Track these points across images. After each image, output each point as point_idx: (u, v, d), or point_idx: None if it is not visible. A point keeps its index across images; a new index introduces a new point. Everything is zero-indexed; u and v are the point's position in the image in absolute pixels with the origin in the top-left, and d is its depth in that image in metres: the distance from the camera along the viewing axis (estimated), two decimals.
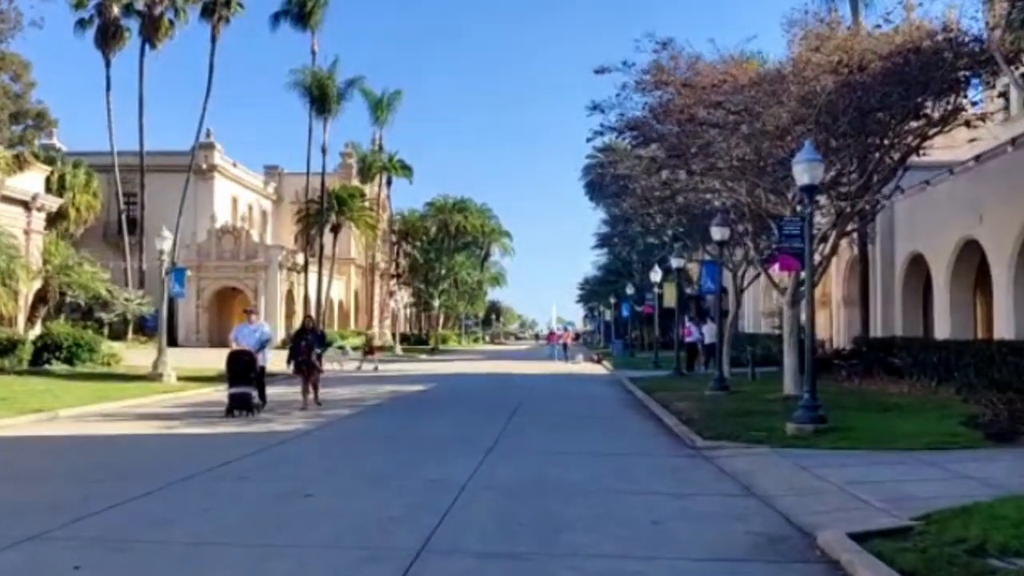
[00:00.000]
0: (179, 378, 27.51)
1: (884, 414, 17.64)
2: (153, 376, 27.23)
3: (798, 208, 20.80)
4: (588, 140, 22.80)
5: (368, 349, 43.66)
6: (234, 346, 18.96)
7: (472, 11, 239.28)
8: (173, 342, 55.09)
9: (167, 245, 27.95)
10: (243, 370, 18.49)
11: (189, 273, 62.61)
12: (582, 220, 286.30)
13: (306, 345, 20.19)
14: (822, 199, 21.41)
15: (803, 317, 24.30)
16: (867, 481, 10.48)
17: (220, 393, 25.10)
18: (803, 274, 22.14)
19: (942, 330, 28.19)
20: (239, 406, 18.26)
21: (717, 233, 24.70)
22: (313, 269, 67.26)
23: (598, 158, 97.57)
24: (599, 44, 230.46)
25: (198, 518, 8.69)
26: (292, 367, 20.41)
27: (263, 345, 19.23)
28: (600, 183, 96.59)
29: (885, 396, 21.54)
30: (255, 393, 18.66)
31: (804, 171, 15.37)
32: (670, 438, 16.03)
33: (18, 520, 8.33)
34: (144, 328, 53.57)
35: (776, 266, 21.47)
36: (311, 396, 20.28)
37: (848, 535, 7.61)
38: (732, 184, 23.17)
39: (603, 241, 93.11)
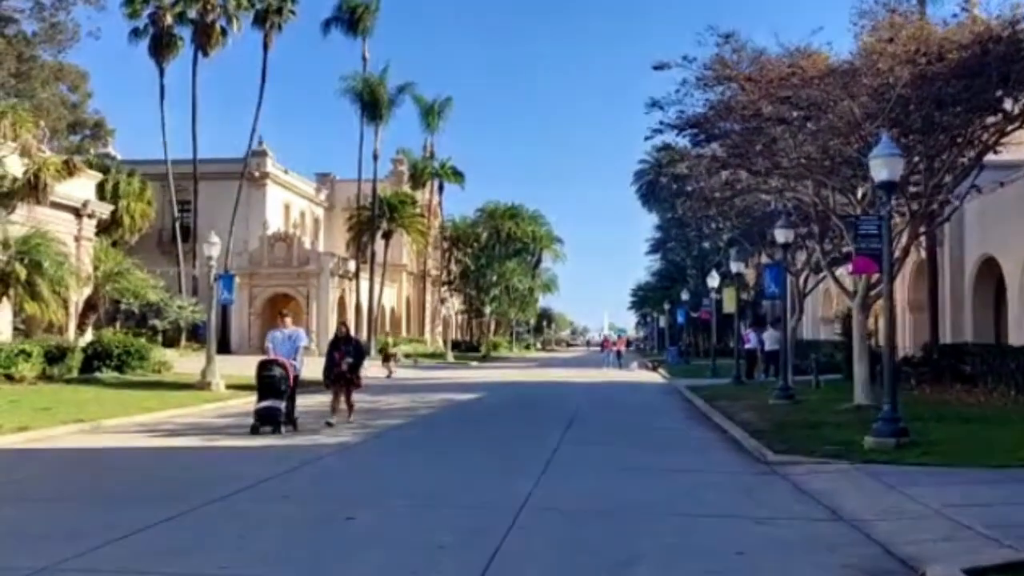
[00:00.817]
0: (227, 386, 26.91)
1: (966, 425, 16.50)
2: (201, 384, 26.69)
3: (869, 210, 19.75)
4: (646, 138, 21.81)
5: (384, 356, 42.58)
6: (271, 354, 17.23)
7: (524, 15, 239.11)
8: (226, 349, 55.09)
9: (215, 251, 27.42)
10: (275, 382, 16.53)
11: (240, 280, 62.87)
12: (635, 226, 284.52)
13: (340, 356, 18.20)
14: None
15: (871, 323, 23.27)
16: (967, 503, 9.46)
17: None
18: (875, 277, 21.13)
19: (1016, 336, 26.99)
20: (266, 422, 16.25)
21: (781, 235, 23.65)
22: (365, 276, 66.89)
23: (651, 162, 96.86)
24: (653, 46, 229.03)
25: (227, 546, 7.85)
26: (326, 380, 18.65)
27: (298, 353, 17.41)
28: (654, 187, 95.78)
29: (962, 406, 20.33)
30: (284, 407, 16.65)
31: (883, 166, 14.29)
32: (738, 452, 15.03)
33: (31, 548, 7.58)
34: (197, 335, 53.31)
35: (849, 268, 20.19)
36: (343, 409, 18.44)
37: (963, 571, 6.65)
38: (797, 184, 22.10)
39: (657, 246, 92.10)
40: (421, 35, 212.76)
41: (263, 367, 16.81)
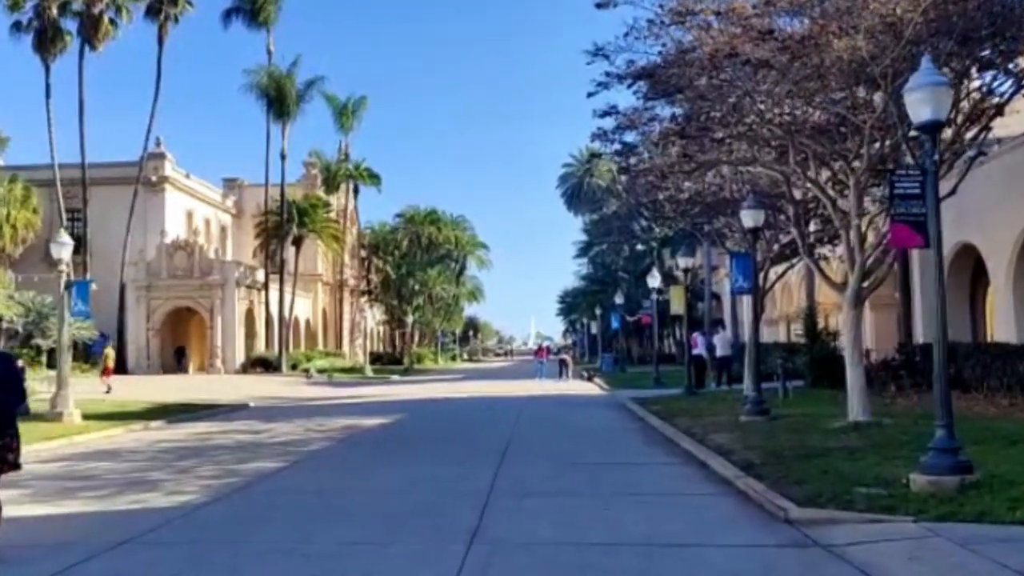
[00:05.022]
0: (85, 416, 22.29)
1: (1017, 448, 12.64)
2: (51, 415, 21.76)
3: (866, 177, 15.94)
4: (590, 95, 17.42)
5: (104, 368, 37.31)
6: None
7: (441, 20, 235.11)
8: (123, 369, 50.56)
9: (65, 253, 22.45)
10: None
11: (137, 293, 57.81)
12: (562, 231, 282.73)
13: None
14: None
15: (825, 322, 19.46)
16: None
17: (131, 434, 20.42)
18: (870, 261, 17.32)
19: (1003, 333, 23.82)
20: None
21: (749, 218, 19.72)
22: (275, 286, 62.15)
23: (576, 164, 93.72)
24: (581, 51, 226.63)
25: None
26: None
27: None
28: (580, 189, 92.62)
29: (983, 419, 16.55)
30: None
31: (924, 101, 10.28)
32: (737, 499, 10.79)
33: None
34: (89, 354, 48.49)
35: (888, 239, 15.79)
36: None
37: None
38: (770, 152, 18.21)
39: (584, 250, 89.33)
40: (335, 38, 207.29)
41: None
